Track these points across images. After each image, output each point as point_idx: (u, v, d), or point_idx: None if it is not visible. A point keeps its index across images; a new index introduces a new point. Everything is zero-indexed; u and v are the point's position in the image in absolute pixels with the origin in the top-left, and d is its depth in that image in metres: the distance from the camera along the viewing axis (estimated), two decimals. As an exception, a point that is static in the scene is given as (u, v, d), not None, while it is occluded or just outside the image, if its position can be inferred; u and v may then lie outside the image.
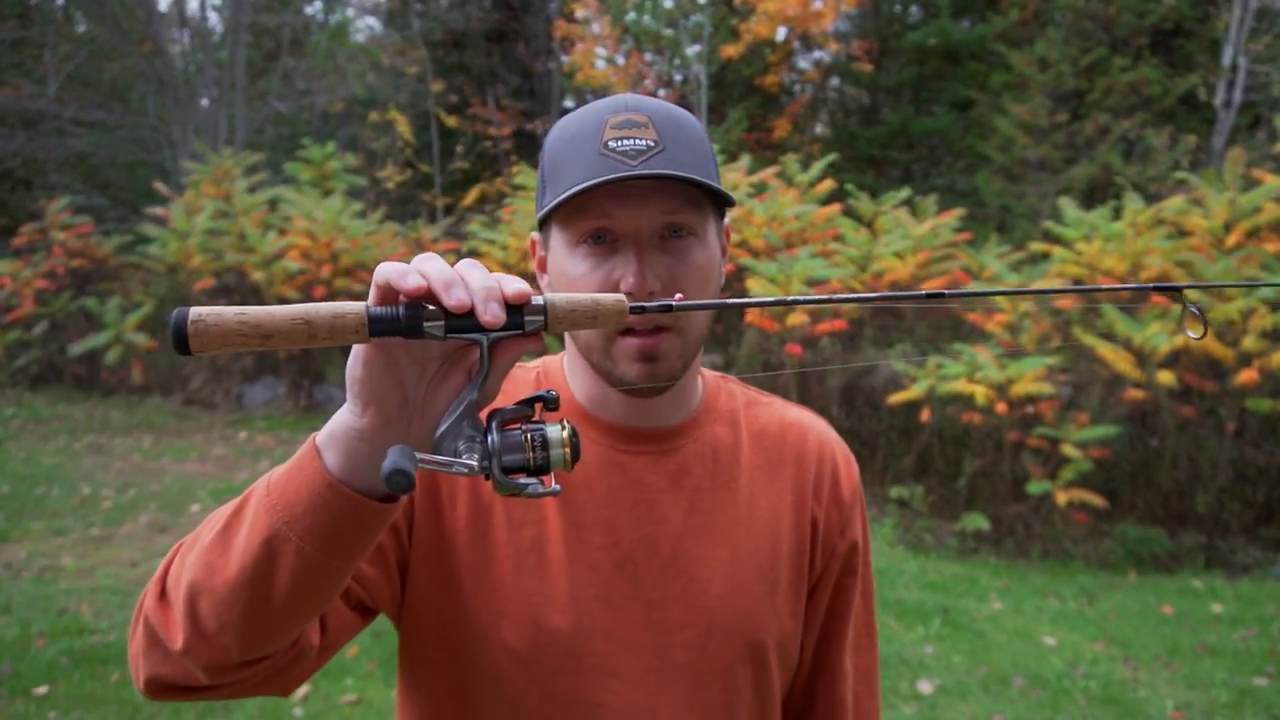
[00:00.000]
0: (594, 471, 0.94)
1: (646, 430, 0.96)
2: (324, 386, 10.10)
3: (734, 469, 0.98)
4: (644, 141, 0.84)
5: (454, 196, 14.52)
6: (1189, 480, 6.17)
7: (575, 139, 0.87)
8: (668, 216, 0.86)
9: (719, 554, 0.94)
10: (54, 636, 3.96)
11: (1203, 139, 11.66)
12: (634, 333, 0.87)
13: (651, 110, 0.87)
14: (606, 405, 0.95)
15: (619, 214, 0.85)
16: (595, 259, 0.86)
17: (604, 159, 0.83)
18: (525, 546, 0.92)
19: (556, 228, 0.89)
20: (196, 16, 16.47)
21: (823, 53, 15.24)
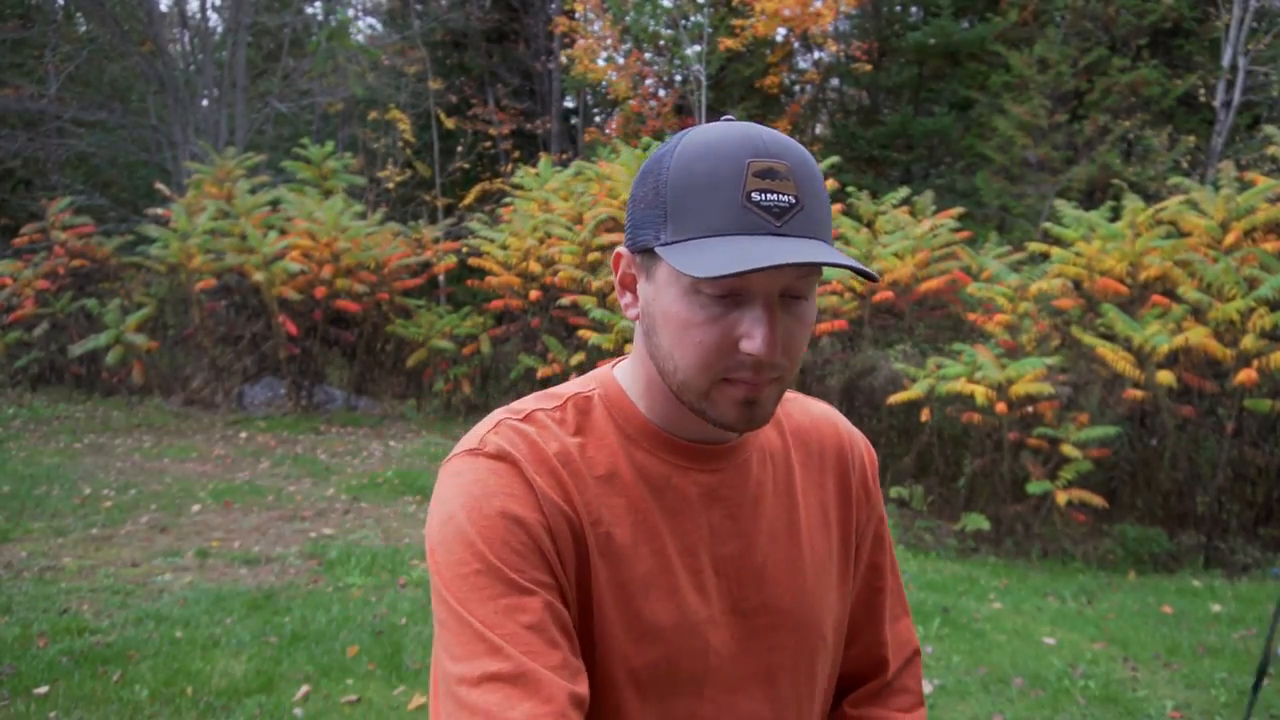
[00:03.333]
0: (681, 493, 0.93)
1: (721, 447, 0.96)
2: (324, 387, 10.11)
3: (788, 471, 1.00)
4: (787, 198, 0.81)
5: (454, 196, 14.52)
6: (1188, 480, 6.18)
7: (713, 177, 0.82)
8: (794, 283, 0.84)
9: (791, 556, 0.98)
10: (55, 636, 3.96)
11: (1202, 139, 11.66)
12: (743, 380, 0.85)
13: (789, 155, 0.83)
14: (683, 426, 0.94)
15: (756, 279, 0.82)
16: (718, 310, 0.83)
17: (748, 214, 0.80)
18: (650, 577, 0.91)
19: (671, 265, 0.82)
20: (197, 16, 16.49)
21: (823, 53, 15.25)
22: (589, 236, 8.33)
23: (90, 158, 15.53)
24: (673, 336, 0.86)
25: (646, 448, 0.94)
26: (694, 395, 0.87)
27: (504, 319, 9.55)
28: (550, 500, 0.87)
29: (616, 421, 0.95)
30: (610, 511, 0.91)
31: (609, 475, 0.92)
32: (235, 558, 5.21)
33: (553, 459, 0.90)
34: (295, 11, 16.38)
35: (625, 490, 0.92)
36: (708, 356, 0.84)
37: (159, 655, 3.81)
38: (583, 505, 0.90)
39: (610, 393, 0.97)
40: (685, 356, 0.86)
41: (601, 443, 0.93)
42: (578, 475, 0.91)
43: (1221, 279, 5.80)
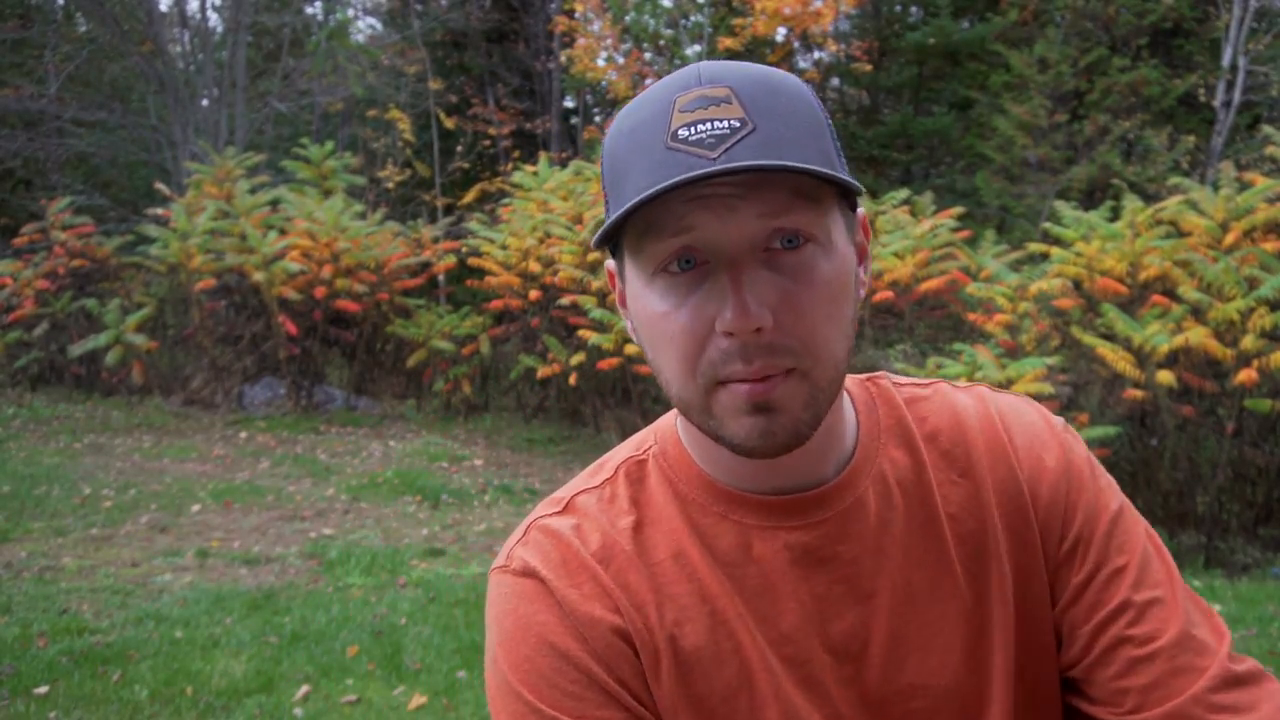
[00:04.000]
0: (768, 564, 0.72)
1: (810, 494, 0.73)
2: (324, 387, 10.11)
3: (923, 494, 0.75)
4: (725, 122, 0.62)
5: (454, 196, 14.52)
6: (1188, 480, 6.18)
7: (637, 131, 0.66)
8: (772, 221, 0.63)
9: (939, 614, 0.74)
10: (54, 636, 3.96)
11: (1202, 139, 11.66)
12: (742, 379, 0.65)
13: (734, 78, 0.65)
14: (749, 475, 0.73)
15: (703, 227, 0.63)
16: (679, 292, 0.65)
17: (672, 154, 0.62)
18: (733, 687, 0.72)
19: (629, 254, 0.68)
20: (196, 17, 16.48)
21: (822, 53, 15.24)
22: (589, 236, 8.33)
23: (90, 158, 15.53)
24: (650, 342, 0.69)
25: (714, 512, 0.74)
26: (699, 415, 0.68)
27: (504, 319, 9.54)
28: (591, 619, 0.72)
29: (675, 485, 0.76)
30: (677, 607, 0.73)
31: (673, 558, 0.74)
32: (235, 558, 5.21)
33: (592, 561, 0.74)
34: (295, 11, 16.38)
35: (693, 575, 0.73)
36: (685, 351, 0.66)
37: (159, 655, 3.81)
38: (640, 608, 0.73)
39: (667, 448, 0.78)
40: (668, 363, 0.68)
41: (660, 518, 0.75)
42: (631, 569, 0.74)
43: (1221, 279, 5.80)
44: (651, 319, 0.68)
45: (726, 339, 0.64)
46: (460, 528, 6.00)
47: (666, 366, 0.68)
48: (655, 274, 0.67)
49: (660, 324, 0.67)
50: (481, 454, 8.12)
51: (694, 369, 0.66)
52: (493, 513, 6.39)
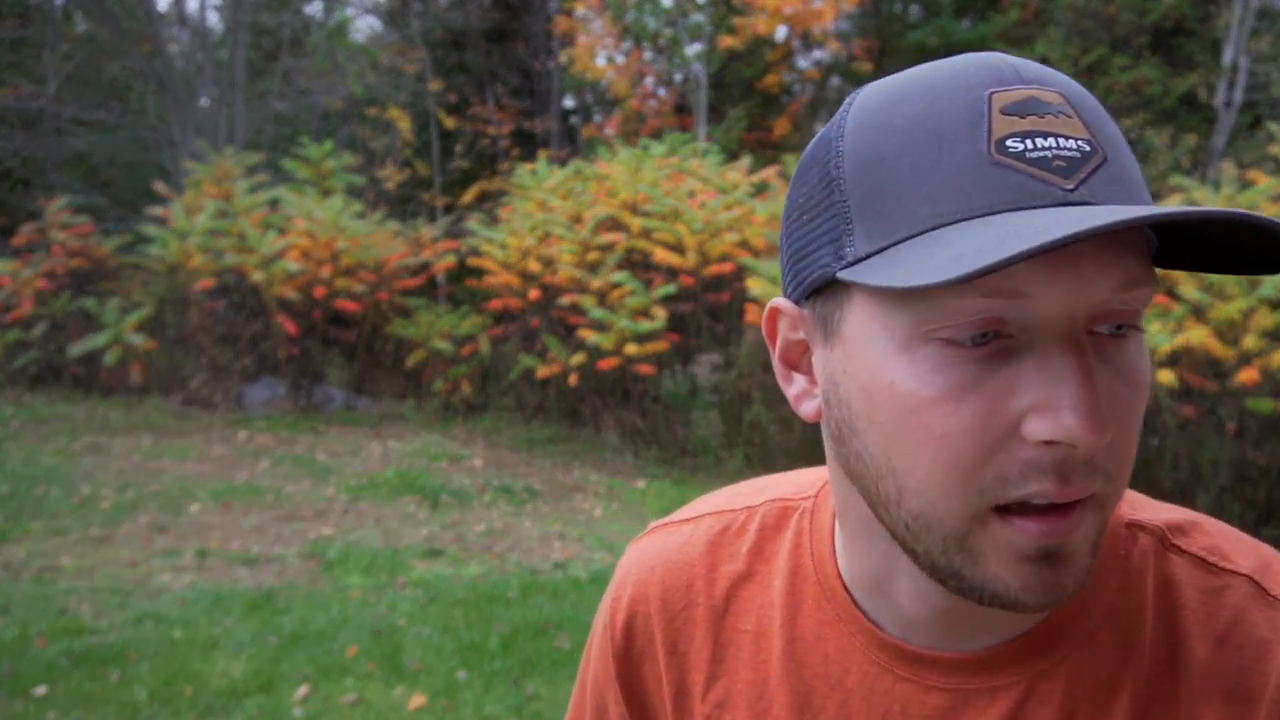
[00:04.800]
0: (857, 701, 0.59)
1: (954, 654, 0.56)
2: (323, 387, 10.10)
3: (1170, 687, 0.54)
4: (1073, 142, 0.46)
5: (453, 196, 14.52)
6: (1189, 480, 6.17)
7: (925, 127, 0.47)
8: (1120, 294, 0.46)
9: None
10: (53, 637, 3.95)
11: (1203, 139, 11.65)
12: (1029, 508, 0.47)
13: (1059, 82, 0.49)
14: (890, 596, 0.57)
15: (1040, 291, 0.45)
16: (965, 372, 0.46)
17: (1002, 174, 0.45)
18: None
19: (873, 300, 0.49)
20: (196, 16, 16.48)
21: (823, 52, 15.24)
22: (588, 236, 8.32)
23: (89, 157, 15.53)
24: (889, 432, 0.49)
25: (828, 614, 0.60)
26: (938, 543, 0.49)
27: (503, 319, 9.54)
28: (630, 654, 0.67)
29: (801, 560, 0.63)
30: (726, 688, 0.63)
31: (754, 636, 0.63)
32: (234, 558, 5.20)
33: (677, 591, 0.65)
34: (294, 11, 16.37)
35: (764, 664, 0.62)
36: (962, 458, 0.47)
37: (158, 656, 3.80)
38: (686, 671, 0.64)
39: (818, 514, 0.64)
40: (923, 469, 0.48)
41: (767, 584, 0.63)
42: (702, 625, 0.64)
43: (1221, 278, 5.80)
44: (905, 402, 0.47)
45: (1040, 449, 0.45)
46: (460, 528, 5.99)
47: (918, 473, 0.48)
48: (926, 339, 0.47)
49: (923, 413, 0.47)
50: (481, 454, 8.11)
51: (970, 484, 0.47)
52: (492, 513, 6.38)
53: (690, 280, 7.90)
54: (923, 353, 0.47)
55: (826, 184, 0.51)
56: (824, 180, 0.51)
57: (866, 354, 0.49)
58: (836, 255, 0.50)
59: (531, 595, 4.64)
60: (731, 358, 7.87)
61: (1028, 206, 0.44)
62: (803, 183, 0.53)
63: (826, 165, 0.51)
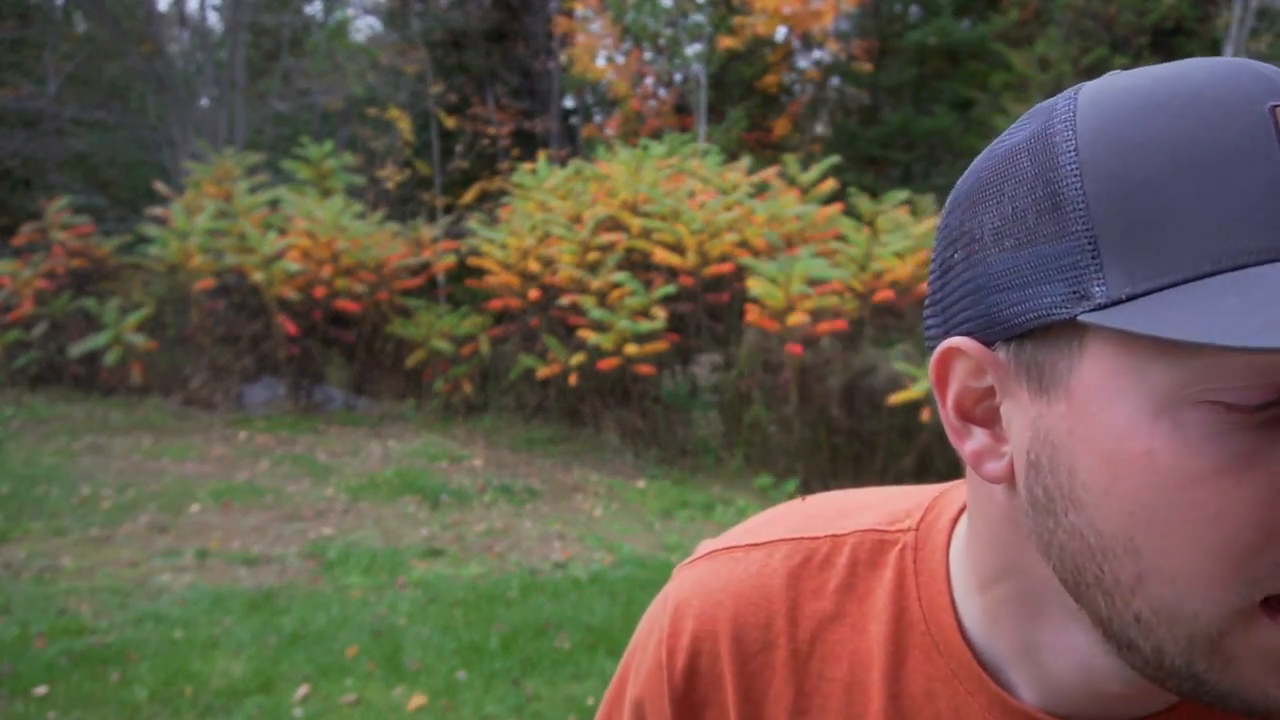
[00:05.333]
0: None
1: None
2: (324, 387, 10.10)
3: None
4: None
5: (453, 196, 14.53)
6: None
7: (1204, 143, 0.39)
8: None
9: None
10: (53, 637, 3.96)
11: (1203, 139, 11.66)
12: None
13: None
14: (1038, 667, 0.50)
15: None
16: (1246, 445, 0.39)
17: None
18: None
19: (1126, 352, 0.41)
20: (196, 16, 16.49)
21: (823, 52, 15.25)
22: (588, 236, 8.32)
23: (89, 157, 15.53)
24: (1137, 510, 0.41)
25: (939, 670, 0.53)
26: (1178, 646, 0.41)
27: (503, 319, 9.54)
28: (691, 686, 0.59)
29: (908, 603, 0.55)
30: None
31: (845, 686, 0.55)
32: (234, 558, 5.21)
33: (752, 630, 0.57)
34: (295, 11, 16.38)
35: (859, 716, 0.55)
36: (1238, 544, 0.39)
37: (158, 656, 3.80)
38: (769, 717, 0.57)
39: (926, 550, 0.56)
40: (1174, 550, 0.40)
41: (861, 627, 0.56)
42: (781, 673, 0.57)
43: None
44: (1166, 476, 0.40)
45: None
46: (460, 528, 5.99)
47: (1174, 558, 0.40)
48: (1196, 402, 0.39)
49: (1190, 489, 0.39)
50: (481, 454, 8.12)
51: (1242, 573, 0.39)
52: (492, 513, 6.39)
53: (690, 280, 7.90)
54: (1192, 417, 0.39)
55: (1052, 204, 0.42)
56: (1046, 199, 0.42)
57: (1109, 415, 0.41)
58: (1075, 294, 0.41)
59: (531, 595, 4.64)
60: (731, 358, 7.87)
61: None
62: (997, 198, 0.44)
63: (1052, 181, 0.42)
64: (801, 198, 8.65)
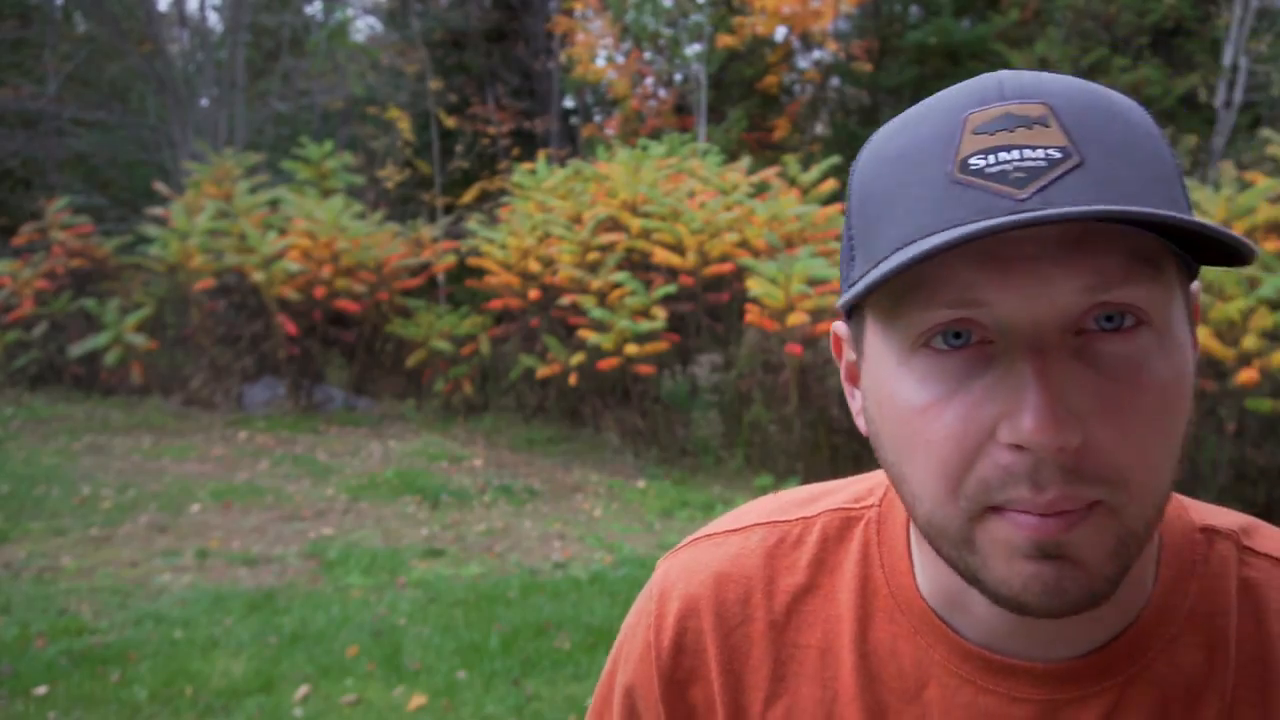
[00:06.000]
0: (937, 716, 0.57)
1: (1039, 665, 0.55)
2: (324, 387, 10.10)
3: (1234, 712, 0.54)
4: (1040, 151, 0.45)
5: (453, 196, 14.53)
6: (1189, 480, 6.17)
7: (907, 155, 0.49)
8: (1098, 294, 0.46)
9: None
10: (53, 637, 3.96)
11: (1203, 139, 11.66)
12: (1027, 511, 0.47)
13: (1052, 91, 0.48)
14: (968, 609, 0.56)
15: (998, 298, 0.46)
16: (947, 378, 0.48)
17: (961, 191, 0.46)
18: None
19: (877, 321, 0.51)
20: (196, 16, 16.49)
21: (822, 52, 15.24)
22: (588, 236, 8.32)
23: (89, 157, 15.53)
24: (896, 442, 0.51)
25: (903, 627, 0.59)
26: (953, 548, 0.50)
27: (503, 319, 9.54)
28: (676, 664, 0.64)
29: (872, 571, 0.61)
30: (788, 705, 0.61)
31: (820, 651, 0.61)
32: (235, 558, 5.21)
33: (732, 605, 0.63)
34: (295, 11, 16.38)
35: (832, 680, 0.60)
36: (947, 465, 0.48)
37: (158, 655, 3.80)
38: (753, 695, 0.62)
39: (888, 524, 0.62)
40: (920, 476, 0.49)
41: (833, 597, 0.61)
42: (760, 643, 0.62)
43: (1222, 278, 5.80)
44: (902, 412, 0.49)
45: (1013, 453, 0.46)
46: (460, 528, 5.99)
47: (917, 478, 0.50)
48: (914, 350, 0.49)
49: (915, 421, 0.48)
50: (481, 454, 8.12)
51: (956, 489, 0.48)
52: (492, 513, 6.39)
53: (690, 280, 7.90)
54: (917, 362, 0.49)
55: (846, 216, 0.54)
56: (848, 204, 0.54)
57: (878, 368, 0.52)
58: (846, 281, 0.53)
59: (531, 595, 4.64)
60: (731, 358, 7.87)
61: (979, 218, 0.44)
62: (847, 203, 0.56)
63: (849, 194, 0.54)
64: (801, 198, 8.65)
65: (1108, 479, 0.47)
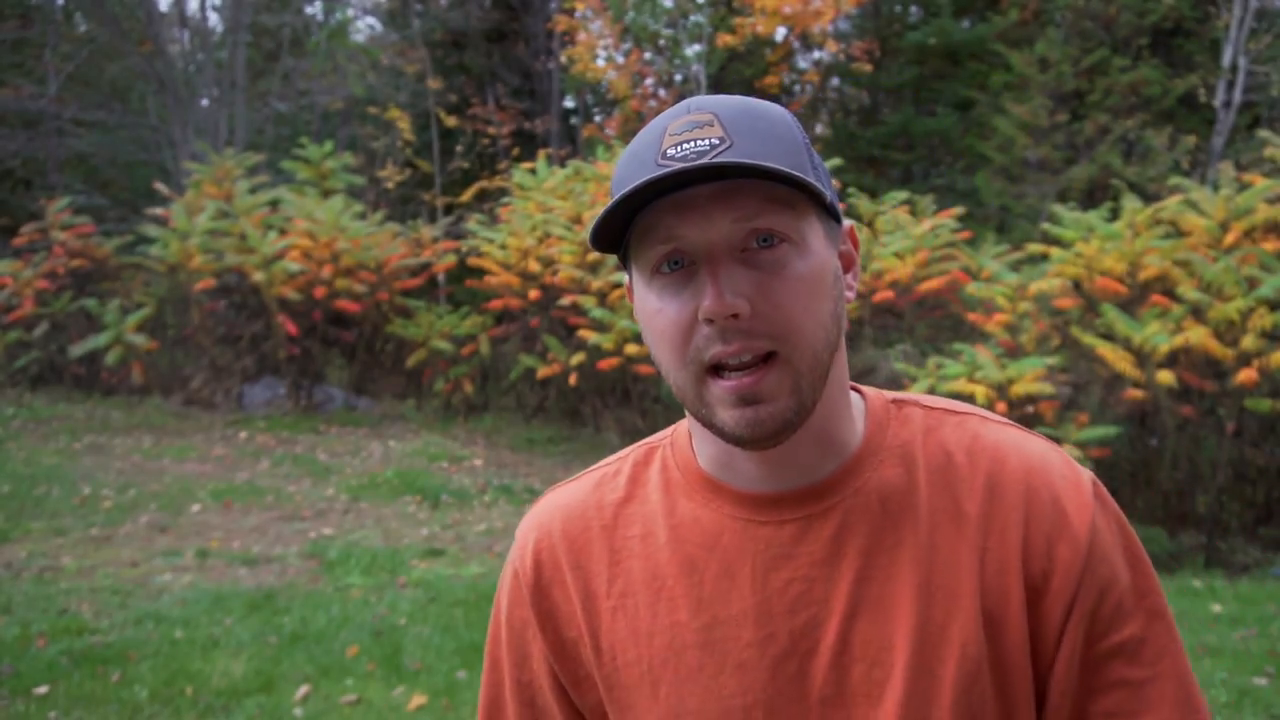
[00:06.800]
0: (735, 554, 0.77)
1: (790, 492, 0.77)
2: (324, 387, 10.11)
3: (909, 520, 0.77)
4: (706, 140, 0.70)
5: (454, 196, 14.53)
6: (1189, 480, 6.17)
7: (636, 153, 0.74)
8: (747, 224, 0.70)
9: (899, 630, 0.75)
10: (54, 636, 3.96)
11: (1202, 139, 11.66)
12: (728, 367, 0.71)
13: (719, 106, 0.73)
14: (734, 468, 0.78)
15: (684, 229, 0.70)
16: (669, 290, 0.72)
17: (660, 169, 0.70)
18: (659, 660, 0.78)
19: (633, 262, 0.76)
20: (196, 16, 16.49)
21: (822, 53, 15.24)
22: (588, 236, 8.32)
23: (90, 157, 15.53)
24: (650, 337, 0.76)
25: (697, 499, 0.80)
26: (693, 404, 0.74)
27: (503, 319, 9.54)
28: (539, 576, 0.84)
29: (670, 473, 0.83)
30: (626, 580, 0.80)
31: (641, 537, 0.81)
32: (235, 558, 5.21)
33: (574, 524, 0.84)
34: (295, 11, 16.38)
35: (653, 553, 0.80)
36: (674, 341, 0.72)
37: (159, 655, 3.81)
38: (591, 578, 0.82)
39: (677, 440, 0.85)
40: (663, 354, 0.74)
41: (645, 499, 0.83)
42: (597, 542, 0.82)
43: (1221, 279, 5.81)
44: (649, 316, 0.75)
45: (708, 325, 0.71)
46: (460, 528, 6.00)
47: (662, 357, 0.75)
48: (651, 276, 0.74)
49: (655, 320, 0.74)
50: (481, 454, 8.12)
51: (683, 357, 0.72)
52: (492, 513, 6.39)
53: (690, 280, 7.90)
54: (653, 284, 0.74)
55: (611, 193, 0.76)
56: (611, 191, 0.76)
57: (637, 293, 0.77)
58: None
59: (531, 595, 4.64)
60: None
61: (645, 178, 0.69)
62: None
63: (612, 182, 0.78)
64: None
65: (771, 334, 0.70)
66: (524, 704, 0.85)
